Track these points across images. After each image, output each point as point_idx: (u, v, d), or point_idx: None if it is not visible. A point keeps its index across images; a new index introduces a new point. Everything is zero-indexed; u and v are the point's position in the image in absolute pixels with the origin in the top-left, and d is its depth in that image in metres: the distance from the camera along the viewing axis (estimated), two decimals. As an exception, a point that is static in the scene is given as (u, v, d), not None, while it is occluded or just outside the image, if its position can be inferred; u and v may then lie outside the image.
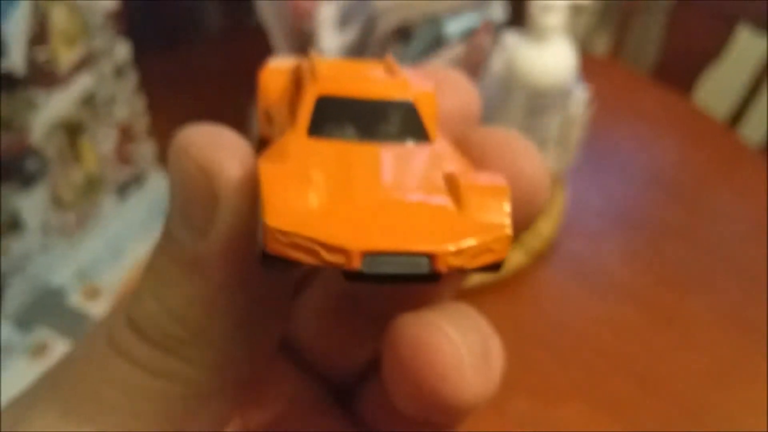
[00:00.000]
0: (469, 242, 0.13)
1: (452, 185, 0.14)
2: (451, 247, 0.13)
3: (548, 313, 0.69)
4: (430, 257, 0.12)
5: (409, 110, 0.15)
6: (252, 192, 0.14)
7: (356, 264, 0.12)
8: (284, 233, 0.12)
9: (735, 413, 0.61)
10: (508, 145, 0.16)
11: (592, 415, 0.61)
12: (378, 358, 0.17)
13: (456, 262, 0.13)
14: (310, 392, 0.19)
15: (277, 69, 0.18)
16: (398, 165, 0.14)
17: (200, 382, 0.15)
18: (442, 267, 0.13)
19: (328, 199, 0.13)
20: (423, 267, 0.12)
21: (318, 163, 0.14)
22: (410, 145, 0.15)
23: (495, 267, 0.14)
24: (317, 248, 0.12)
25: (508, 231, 0.13)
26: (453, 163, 0.15)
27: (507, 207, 0.14)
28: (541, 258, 0.71)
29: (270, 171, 0.13)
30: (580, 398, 0.62)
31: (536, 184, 0.16)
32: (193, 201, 0.14)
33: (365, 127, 0.15)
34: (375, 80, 0.16)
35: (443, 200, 0.14)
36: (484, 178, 0.14)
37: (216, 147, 0.14)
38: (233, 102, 0.84)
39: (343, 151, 0.14)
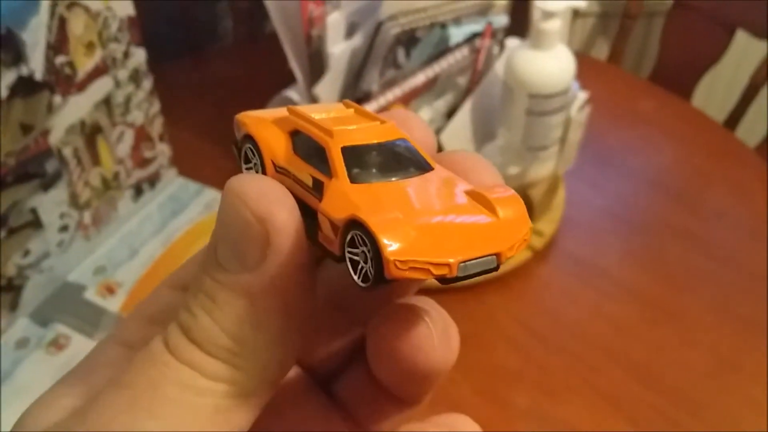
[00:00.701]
0: (516, 238, 0.17)
1: (479, 199, 0.18)
2: (508, 245, 0.17)
3: (549, 309, 0.70)
4: (497, 256, 0.17)
5: (408, 147, 0.19)
6: (298, 236, 0.17)
7: (455, 272, 0.16)
8: (402, 261, 0.16)
9: (734, 409, 0.62)
10: (470, 161, 0.20)
11: (593, 410, 0.62)
12: (357, 347, 0.21)
13: (510, 254, 0.17)
14: (300, 380, 0.22)
15: (260, 118, 0.22)
16: (421, 193, 0.18)
17: (244, 383, 0.18)
18: (502, 260, 0.17)
19: (421, 232, 0.17)
20: (493, 263, 0.17)
21: (383, 203, 0.17)
22: (421, 175, 0.19)
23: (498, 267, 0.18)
24: (428, 266, 0.16)
25: (530, 224, 0.18)
26: (459, 181, 0.19)
27: (524, 209, 0.18)
28: (541, 256, 0.72)
29: (372, 219, 0.16)
30: (581, 393, 0.63)
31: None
32: (247, 241, 0.17)
33: (383, 167, 0.18)
34: (371, 126, 0.19)
35: (481, 215, 0.18)
36: (499, 190, 0.18)
37: (268, 198, 0.17)
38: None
39: (383, 191, 0.18)
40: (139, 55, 0.69)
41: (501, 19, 0.71)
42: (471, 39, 0.72)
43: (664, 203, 0.81)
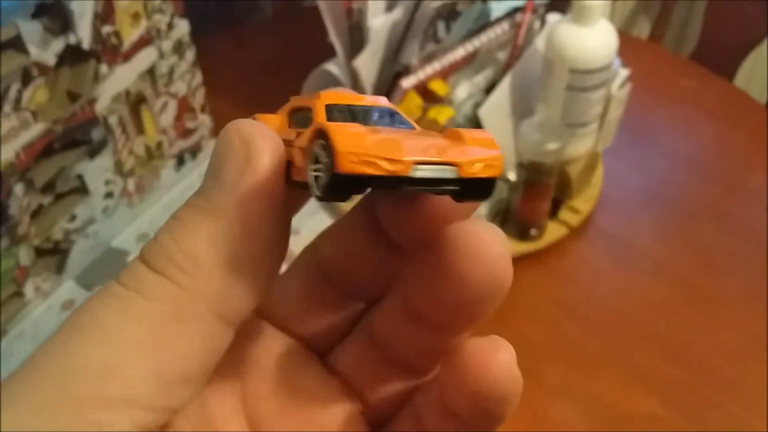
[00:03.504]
0: (480, 156, 0.17)
1: (454, 135, 0.17)
2: (470, 159, 0.16)
3: (582, 286, 0.68)
4: (458, 166, 0.16)
5: (393, 112, 0.19)
6: (275, 167, 0.17)
7: (409, 170, 0.16)
8: (355, 153, 0.15)
9: (763, 387, 0.59)
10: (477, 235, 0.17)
11: (623, 386, 0.60)
12: (356, 321, 0.20)
13: (473, 170, 0.16)
14: (298, 351, 0.20)
15: (267, 118, 0.21)
16: (393, 131, 0.18)
17: (186, 305, 0.16)
18: (465, 173, 0.16)
19: (377, 138, 0.16)
20: (452, 174, 0.16)
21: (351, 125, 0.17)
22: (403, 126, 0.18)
23: (487, 192, 0.17)
24: (380, 161, 0.15)
25: (501, 153, 0.17)
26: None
27: (496, 143, 0.17)
28: (577, 234, 0.70)
29: (332, 124, 0.16)
30: (613, 369, 0.61)
31: (500, 271, 0.17)
32: (227, 160, 0.17)
33: (363, 120, 0.18)
34: (362, 98, 0.19)
35: (452, 142, 0.17)
36: (476, 132, 0.18)
37: (256, 129, 0.17)
38: (284, 81, 0.84)
39: (354, 126, 0.17)
40: (183, 27, 0.68)
41: (542, -5, 0.69)
42: (512, 14, 0.69)
43: (702, 184, 0.78)
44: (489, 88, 0.67)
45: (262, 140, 0.17)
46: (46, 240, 0.63)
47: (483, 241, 0.17)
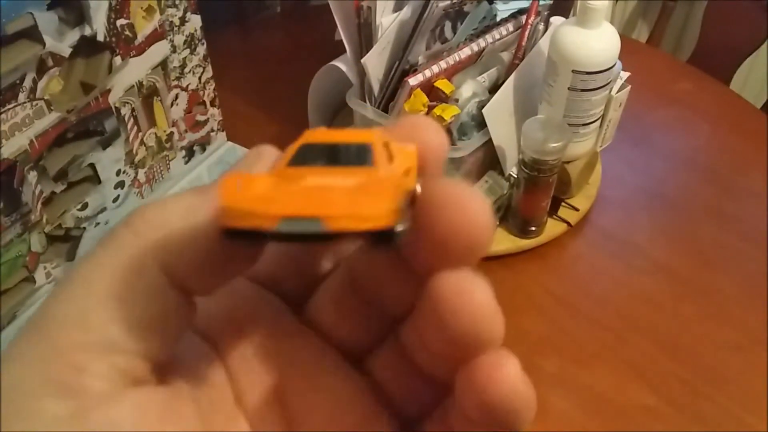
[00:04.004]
0: (354, 210, 0.15)
1: (387, 148, 0.17)
2: (337, 212, 0.15)
3: (580, 281, 0.69)
4: (322, 220, 0.15)
5: (366, 148, 0.18)
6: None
7: (273, 225, 0.15)
8: (232, 208, 0.16)
9: (759, 384, 0.60)
10: (457, 194, 0.18)
11: (618, 378, 0.61)
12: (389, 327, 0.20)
13: (338, 225, 0.15)
14: (334, 354, 0.21)
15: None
16: (333, 174, 0.17)
17: (140, 258, 0.17)
18: (330, 227, 0.15)
19: (269, 190, 0.16)
20: (317, 227, 0.15)
21: (272, 174, 0.17)
22: (355, 167, 0.17)
23: (388, 239, 0.16)
24: (252, 217, 0.15)
25: (391, 205, 0.15)
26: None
27: (413, 170, 0.17)
28: (576, 231, 0.71)
29: (231, 176, 0.16)
30: (608, 362, 0.62)
31: (480, 228, 0.17)
32: (242, 164, 0.19)
33: (331, 158, 0.17)
34: (348, 133, 0.18)
35: (353, 181, 0.16)
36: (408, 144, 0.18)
37: (271, 149, 0.19)
38: (292, 77, 0.85)
39: (300, 171, 0.17)
40: (195, 21, 0.69)
41: (546, -3, 0.69)
42: (516, 15, 0.70)
43: (698, 183, 0.79)
44: (493, 88, 0.68)
45: (269, 151, 0.19)
46: (58, 227, 0.63)
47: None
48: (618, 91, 0.69)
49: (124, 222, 0.17)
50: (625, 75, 0.71)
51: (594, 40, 0.61)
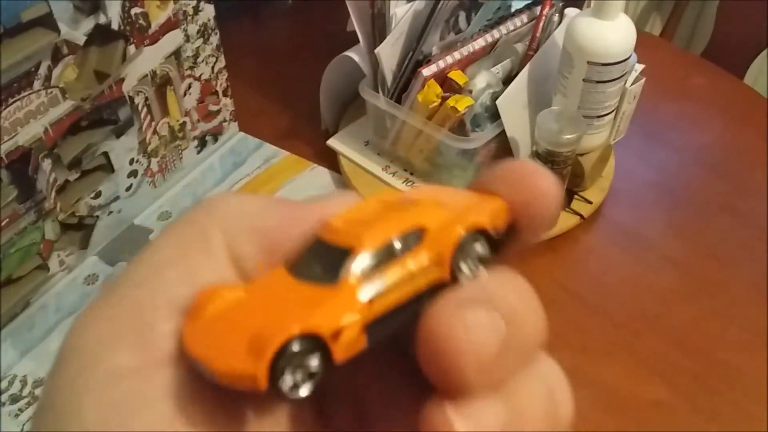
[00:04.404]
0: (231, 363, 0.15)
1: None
2: (220, 363, 0.15)
3: (592, 275, 0.68)
4: (208, 366, 0.15)
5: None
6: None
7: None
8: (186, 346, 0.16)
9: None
10: (525, 169, 0.18)
11: (631, 373, 0.60)
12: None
13: (218, 377, 0.15)
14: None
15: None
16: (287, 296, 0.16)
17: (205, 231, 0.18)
18: (213, 375, 0.15)
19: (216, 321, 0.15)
20: (207, 373, 0.15)
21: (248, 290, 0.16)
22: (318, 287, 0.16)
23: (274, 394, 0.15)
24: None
25: (261, 365, 0.14)
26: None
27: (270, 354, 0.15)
28: (588, 224, 0.70)
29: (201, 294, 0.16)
30: (620, 356, 0.61)
31: (551, 200, 0.18)
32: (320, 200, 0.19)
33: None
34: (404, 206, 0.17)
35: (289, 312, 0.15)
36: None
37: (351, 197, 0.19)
38: (303, 67, 0.84)
39: (274, 285, 0.16)
40: (208, 11, 0.68)
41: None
42: (531, 6, 0.69)
43: (711, 178, 0.78)
44: (507, 79, 0.67)
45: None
46: (72, 215, 0.63)
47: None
48: (632, 84, 0.68)
49: (198, 204, 0.18)
50: (639, 67, 0.70)
51: (610, 32, 0.60)
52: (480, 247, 0.17)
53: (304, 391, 0.14)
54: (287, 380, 0.14)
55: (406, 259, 0.16)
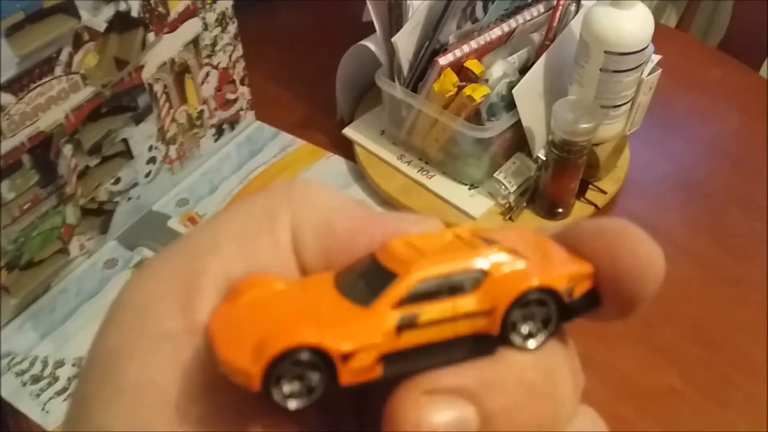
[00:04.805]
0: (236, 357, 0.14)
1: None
2: (231, 354, 0.14)
3: (607, 265, 0.68)
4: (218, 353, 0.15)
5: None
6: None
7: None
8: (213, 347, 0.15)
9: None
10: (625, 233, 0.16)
11: (645, 361, 0.60)
12: None
13: (222, 366, 0.14)
14: None
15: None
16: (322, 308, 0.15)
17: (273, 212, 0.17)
18: (221, 364, 0.15)
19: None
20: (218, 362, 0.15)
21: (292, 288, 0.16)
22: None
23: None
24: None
25: (255, 367, 0.14)
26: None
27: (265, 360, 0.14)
28: (602, 214, 0.70)
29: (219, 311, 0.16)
30: (634, 345, 0.61)
31: (649, 277, 0.16)
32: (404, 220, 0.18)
33: (370, 288, 0.15)
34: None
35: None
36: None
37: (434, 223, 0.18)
38: (319, 56, 0.84)
39: (315, 296, 0.16)
40: (226, 0, 0.69)
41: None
42: (548, -4, 0.69)
43: (726, 170, 0.77)
44: (523, 69, 0.67)
45: None
46: (92, 200, 0.64)
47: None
48: (648, 75, 0.68)
49: (280, 182, 0.17)
50: (656, 58, 0.69)
51: (627, 21, 0.60)
52: (544, 308, 0.15)
53: (293, 404, 0.14)
54: (283, 388, 0.14)
55: (455, 300, 0.15)
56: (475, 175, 0.70)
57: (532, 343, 0.15)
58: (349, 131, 0.76)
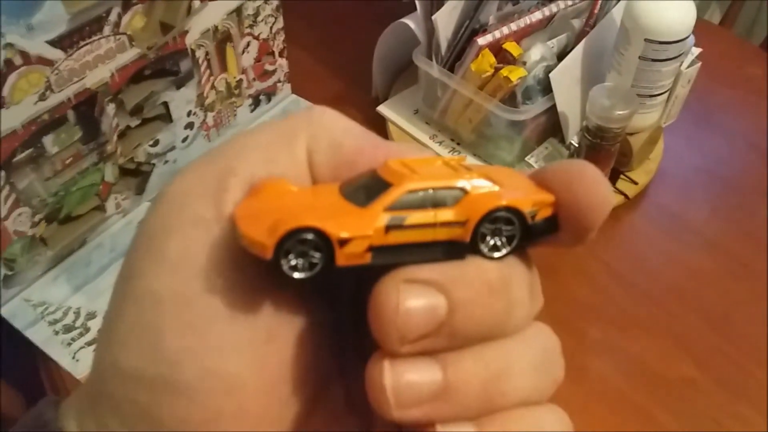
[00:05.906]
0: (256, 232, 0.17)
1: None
2: (252, 231, 0.17)
3: (632, 253, 0.69)
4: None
5: (384, 186, 0.18)
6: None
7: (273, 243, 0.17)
8: (242, 231, 0.18)
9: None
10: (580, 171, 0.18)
11: (663, 349, 0.60)
12: None
13: (243, 240, 0.17)
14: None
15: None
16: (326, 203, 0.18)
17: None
18: (241, 238, 0.18)
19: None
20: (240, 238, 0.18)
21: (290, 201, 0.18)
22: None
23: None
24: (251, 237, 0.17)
25: (269, 238, 0.17)
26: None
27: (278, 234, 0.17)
28: (632, 204, 0.70)
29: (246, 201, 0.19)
30: (654, 333, 0.62)
31: (599, 208, 0.18)
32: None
33: (361, 192, 0.18)
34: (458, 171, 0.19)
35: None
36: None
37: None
38: (357, 34, 0.85)
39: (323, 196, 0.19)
40: (271, -29, 0.70)
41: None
42: (590, -17, 0.69)
43: (760, 167, 0.77)
44: (561, 54, 0.67)
45: None
46: (130, 160, 0.65)
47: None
48: (688, 67, 0.68)
49: (304, 109, 0.20)
50: (696, 51, 0.69)
51: (670, 10, 0.60)
52: (509, 227, 0.18)
53: (299, 275, 0.17)
54: (290, 261, 0.17)
55: (437, 211, 0.18)
56: (507, 158, 0.70)
57: (496, 255, 0.18)
58: (383, 109, 0.77)
